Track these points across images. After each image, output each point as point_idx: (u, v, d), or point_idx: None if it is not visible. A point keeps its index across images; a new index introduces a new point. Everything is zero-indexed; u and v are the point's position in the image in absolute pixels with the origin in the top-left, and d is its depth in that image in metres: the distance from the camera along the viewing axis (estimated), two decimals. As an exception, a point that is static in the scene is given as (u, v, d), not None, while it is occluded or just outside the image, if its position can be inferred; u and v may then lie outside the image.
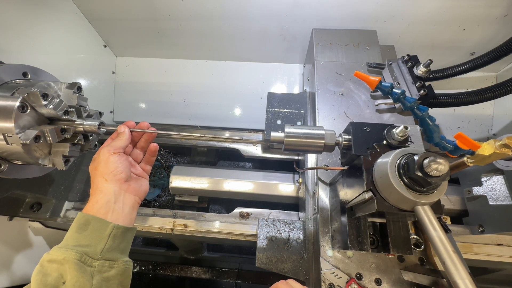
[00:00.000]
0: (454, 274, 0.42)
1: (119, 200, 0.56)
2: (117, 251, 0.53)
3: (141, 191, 0.63)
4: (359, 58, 1.03)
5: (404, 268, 0.63)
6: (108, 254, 0.51)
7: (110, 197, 0.55)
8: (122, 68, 1.52)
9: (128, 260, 0.54)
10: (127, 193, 0.59)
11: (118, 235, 0.53)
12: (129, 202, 0.59)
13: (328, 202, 0.74)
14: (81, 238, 0.50)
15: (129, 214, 0.58)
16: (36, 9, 1.01)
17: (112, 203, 0.55)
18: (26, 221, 1.04)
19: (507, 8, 1.04)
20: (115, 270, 0.51)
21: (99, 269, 0.49)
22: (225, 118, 1.50)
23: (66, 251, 0.47)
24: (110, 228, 0.52)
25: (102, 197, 0.55)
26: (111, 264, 0.51)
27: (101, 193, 0.55)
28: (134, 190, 0.60)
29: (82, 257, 0.48)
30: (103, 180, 0.56)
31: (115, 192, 0.56)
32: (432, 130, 0.74)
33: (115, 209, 0.55)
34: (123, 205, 0.57)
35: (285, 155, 1.18)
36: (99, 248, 0.50)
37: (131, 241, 0.58)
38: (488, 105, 1.32)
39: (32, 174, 0.70)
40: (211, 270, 1.52)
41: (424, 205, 0.46)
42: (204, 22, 1.25)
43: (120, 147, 0.60)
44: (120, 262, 0.52)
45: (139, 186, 0.62)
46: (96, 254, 0.49)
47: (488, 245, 0.83)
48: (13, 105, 0.54)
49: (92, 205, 0.54)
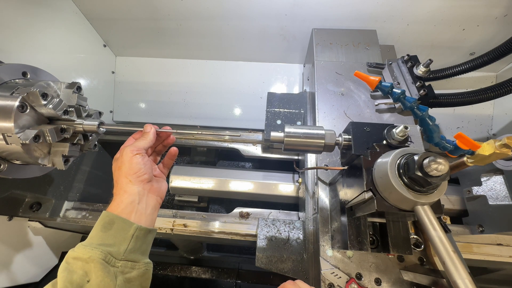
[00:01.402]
0: (454, 274, 0.42)
1: (143, 200, 0.57)
2: (138, 252, 0.53)
3: (162, 191, 0.64)
4: (359, 58, 1.02)
5: (404, 268, 0.63)
6: (131, 255, 0.51)
7: (135, 197, 0.56)
8: (121, 68, 1.52)
9: (148, 261, 0.55)
10: (150, 193, 0.59)
11: (141, 237, 0.54)
12: (152, 202, 0.59)
13: (328, 202, 0.74)
14: (105, 237, 0.51)
15: (151, 215, 0.58)
16: (35, 9, 1.01)
17: (136, 204, 0.55)
18: (26, 221, 1.03)
19: (507, 8, 1.04)
20: (136, 271, 0.51)
21: (122, 269, 0.49)
22: (225, 118, 1.50)
23: (92, 250, 0.48)
24: (134, 229, 0.53)
25: (127, 198, 0.55)
26: (133, 266, 0.51)
27: (125, 194, 0.55)
28: (156, 190, 0.61)
29: (106, 257, 0.48)
30: (127, 181, 0.56)
31: (139, 193, 0.57)
32: (432, 130, 0.74)
33: (139, 210, 0.56)
34: (146, 206, 0.57)
35: (285, 155, 1.18)
36: (122, 249, 0.51)
37: (151, 243, 0.58)
38: (488, 105, 1.32)
39: (31, 174, 0.70)
40: (211, 270, 1.52)
41: (424, 205, 0.46)
42: (204, 22, 1.25)
43: (143, 147, 0.60)
44: (141, 264, 0.53)
45: (160, 186, 0.63)
46: (120, 254, 0.50)
47: (487, 245, 0.84)
48: (12, 104, 0.54)
49: (117, 204, 0.55)
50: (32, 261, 1.08)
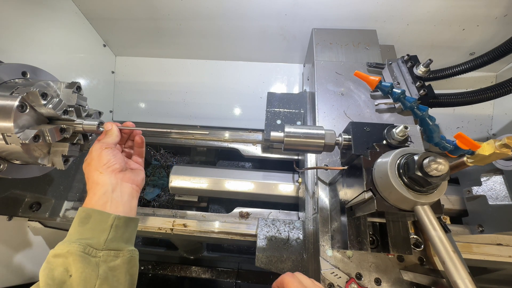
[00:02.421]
0: (454, 274, 0.42)
1: (117, 189, 0.57)
2: (121, 241, 0.53)
3: (138, 180, 0.63)
4: (359, 58, 1.02)
5: (403, 268, 0.63)
6: (112, 244, 0.51)
7: (107, 187, 0.56)
8: (121, 68, 1.52)
9: (133, 249, 0.55)
10: (124, 182, 0.59)
11: (120, 225, 0.54)
12: (127, 190, 0.59)
13: (328, 202, 0.74)
14: (83, 231, 0.51)
15: (129, 202, 0.58)
16: (35, 9, 1.01)
17: (110, 193, 0.55)
18: (26, 221, 1.03)
19: (507, 8, 1.04)
20: (121, 259, 0.51)
21: (105, 259, 0.49)
22: (225, 117, 1.50)
23: (70, 244, 0.48)
24: (112, 219, 0.53)
25: (100, 189, 0.55)
26: (116, 254, 0.51)
27: (97, 185, 0.55)
28: (130, 179, 0.61)
29: (86, 249, 0.48)
30: (98, 173, 0.56)
31: (112, 182, 0.57)
32: (432, 130, 0.74)
33: (114, 198, 0.55)
34: (121, 194, 0.57)
35: (285, 155, 1.18)
36: (102, 239, 0.50)
37: (135, 231, 0.58)
38: (488, 105, 1.32)
39: (31, 173, 0.70)
40: (211, 269, 1.52)
41: (424, 205, 0.46)
42: (204, 21, 1.25)
43: (111, 142, 0.61)
44: (126, 252, 0.53)
45: (135, 176, 0.63)
46: (100, 244, 0.50)
47: (487, 245, 0.84)
48: (12, 104, 0.54)
49: (90, 198, 0.55)
50: (32, 261, 1.08)
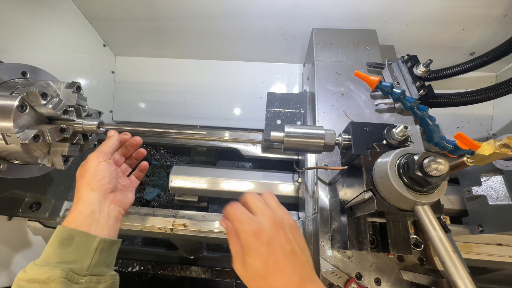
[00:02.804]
0: (454, 274, 0.42)
1: (104, 210, 0.54)
2: (103, 265, 0.51)
3: (126, 203, 0.61)
4: (359, 58, 1.02)
5: (403, 268, 0.63)
6: (95, 269, 0.49)
7: (95, 207, 0.53)
8: (121, 68, 1.52)
9: (114, 273, 0.52)
10: (112, 204, 0.57)
11: (105, 249, 0.51)
12: (114, 213, 0.56)
13: (328, 202, 0.74)
14: (64, 254, 0.47)
15: (113, 226, 0.56)
16: (35, 8, 1.01)
17: (97, 214, 0.53)
18: (25, 221, 1.03)
19: (507, 8, 1.04)
20: (103, 285, 0.49)
21: (87, 285, 0.46)
22: (225, 117, 1.50)
23: (51, 270, 0.44)
24: (97, 242, 0.50)
25: (86, 207, 0.52)
26: (98, 280, 0.48)
27: (84, 203, 0.53)
28: (119, 201, 0.59)
29: (68, 275, 0.45)
30: (89, 189, 0.54)
31: (100, 202, 0.54)
32: (432, 130, 0.74)
33: (100, 220, 0.53)
34: (107, 216, 0.55)
35: (285, 154, 1.18)
36: (85, 264, 0.48)
37: (116, 254, 0.56)
38: (488, 105, 1.32)
39: (31, 173, 0.70)
40: (211, 269, 1.52)
41: (424, 205, 0.46)
42: (204, 21, 1.25)
43: (108, 152, 0.59)
44: (108, 277, 0.50)
45: (124, 198, 0.61)
46: (83, 270, 0.47)
47: (487, 245, 0.84)
48: (12, 104, 0.54)
49: (75, 216, 0.52)
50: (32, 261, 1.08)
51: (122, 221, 0.90)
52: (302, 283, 0.39)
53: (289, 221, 0.45)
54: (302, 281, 0.39)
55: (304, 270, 0.40)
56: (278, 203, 0.49)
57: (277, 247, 0.40)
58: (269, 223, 0.42)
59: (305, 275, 0.40)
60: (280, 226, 0.43)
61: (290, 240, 0.42)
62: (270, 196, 0.49)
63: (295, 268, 0.40)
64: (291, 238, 0.42)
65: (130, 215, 0.98)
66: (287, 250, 0.41)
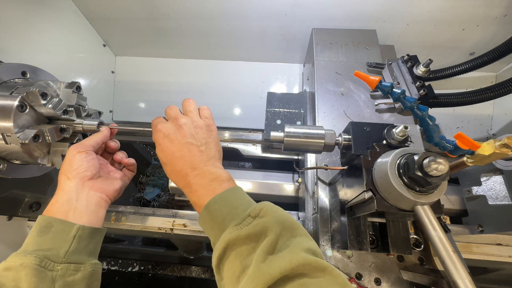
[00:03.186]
0: (454, 274, 0.42)
1: (82, 197, 0.53)
2: (83, 253, 0.50)
3: (110, 190, 0.59)
4: (359, 58, 1.02)
5: (403, 268, 0.63)
6: (73, 257, 0.48)
7: (72, 195, 0.52)
8: (121, 68, 1.52)
9: (96, 262, 0.51)
10: (92, 190, 0.56)
11: (84, 237, 0.50)
12: (94, 199, 0.55)
13: (328, 202, 0.74)
14: (42, 242, 0.47)
15: (95, 212, 0.54)
16: (35, 8, 1.01)
17: (74, 201, 0.52)
18: (25, 221, 1.03)
19: (507, 8, 1.04)
20: (81, 273, 0.48)
21: (63, 273, 0.45)
22: (225, 117, 1.50)
23: (25, 256, 0.44)
24: (75, 229, 0.49)
25: (63, 195, 0.52)
26: (76, 267, 0.47)
27: (62, 192, 0.53)
28: (100, 188, 0.57)
29: (42, 262, 0.44)
30: (65, 178, 0.54)
31: (77, 190, 0.53)
32: (432, 130, 0.74)
33: (77, 207, 0.52)
34: (86, 203, 0.54)
35: (285, 154, 1.17)
36: (62, 251, 0.47)
37: (101, 242, 0.55)
38: (488, 105, 1.32)
39: (31, 173, 0.70)
40: (211, 269, 1.52)
41: (424, 205, 0.46)
42: (204, 21, 1.25)
43: (88, 145, 0.58)
44: (87, 265, 0.49)
45: (108, 185, 0.59)
46: (59, 257, 0.46)
47: (487, 244, 0.83)
48: (12, 104, 0.54)
49: (52, 204, 0.52)
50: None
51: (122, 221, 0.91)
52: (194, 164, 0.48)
53: (196, 123, 0.54)
54: (194, 164, 0.48)
55: (200, 157, 0.50)
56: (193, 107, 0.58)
57: (175, 140, 0.50)
58: (171, 123, 0.53)
59: (199, 160, 0.49)
60: (182, 124, 0.52)
61: (191, 135, 0.51)
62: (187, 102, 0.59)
63: (190, 155, 0.49)
64: (192, 134, 0.52)
65: (130, 215, 0.98)
66: (184, 142, 0.50)
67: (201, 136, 0.53)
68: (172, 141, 0.50)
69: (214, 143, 0.54)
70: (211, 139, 0.54)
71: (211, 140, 0.54)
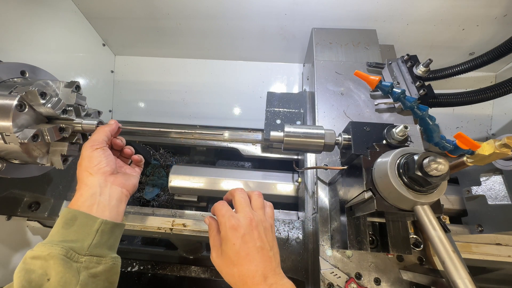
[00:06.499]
0: (454, 274, 0.42)
1: (105, 192, 0.55)
2: (105, 247, 0.52)
3: (129, 185, 0.61)
4: (358, 58, 1.02)
5: (403, 268, 0.63)
6: (96, 250, 0.50)
7: (95, 189, 0.54)
8: (121, 67, 1.52)
9: (116, 256, 0.53)
10: (114, 185, 0.58)
11: (106, 231, 0.52)
12: (116, 194, 0.57)
13: (328, 202, 0.74)
14: (67, 234, 0.49)
15: (116, 207, 0.56)
16: (34, 8, 1.00)
17: (98, 196, 0.54)
18: (25, 221, 1.03)
19: (507, 8, 1.04)
20: (103, 266, 0.49)
21: (86, 265, 0.47)
22: (225, 117, 1.50)
23: (52, 247, 0.46)
24: (98, 223, 0.51)
25: (87, 190, 0.54)
26: (98, 260, 0.49)
27: (86, 186, 0.54)
28: (121, 183, 0.59)
29: (68, 253, 0.46)
30: (87, 174, 0.55)
31: (100, 185, 0.55)
32: (432, 130, 0.74)
33: (101, 202, 0.54)
34: (109, 198, 0.56)
35: (285, 154, 1.18)
36: (86, 244, 0.49)
37: (120, 237, 0.57)
38: (487, 105, 1.32)
39: (30, 173, 0.70)
40: (210, 269, 1.52)
41: (423, 204, 0.46)
42: (204, 21, 1.25)
43: (101, 140, 0.59)
44: (108, 259, 0.51)
45: (126, 180, 0.61)
46: (83, 249, 0.48)
47: (487, 244, 0.84)
48: (11, 103, 0.53)
49: (77, 198, 0.53)
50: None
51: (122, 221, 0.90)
52: (266, 272, 0.47)
53: (264, 223, 0.52)
54: (266, 271, 0.47)
55: (270, 263, 0.48)
56: (262, 204, 0.56)
57: (249, 242, 0.48)
58: (246, 221, 0.50)
59: (270, 267, 0.48)
60: (256, 225, 0.50)
61: (262, 238, 0.50)
62: (257, 197, 0.56)
63: (262, 261, 0.48)
64: (263, 237, 0.50)
65: (129, 214, 0.98)
66: (257, 246, 0.48)
67: (269, 239, 0.51)
68: (246, 243, 0.48)
69: (277, 246, 0.53)
70: (275, 242, 0.53)
71: (275, 243, 0.53)
